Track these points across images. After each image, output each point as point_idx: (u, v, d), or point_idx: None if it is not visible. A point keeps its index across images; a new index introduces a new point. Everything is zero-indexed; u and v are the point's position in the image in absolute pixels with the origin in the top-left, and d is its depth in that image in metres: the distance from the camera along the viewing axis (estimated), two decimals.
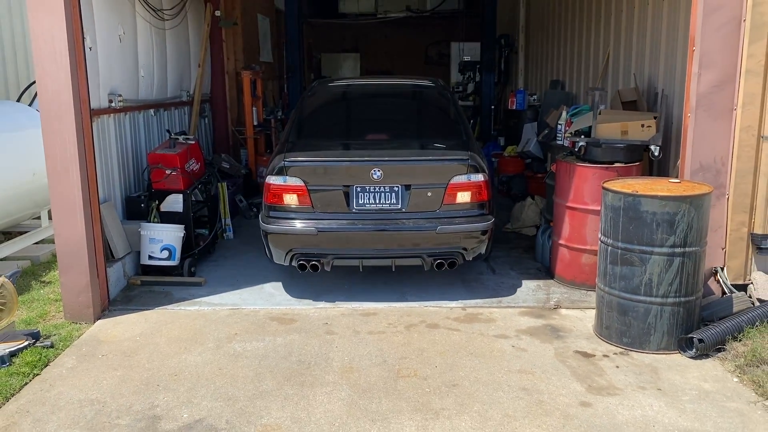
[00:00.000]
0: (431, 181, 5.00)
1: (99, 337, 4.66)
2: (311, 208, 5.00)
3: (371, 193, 4.99)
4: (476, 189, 5.04)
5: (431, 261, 5.03)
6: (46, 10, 4.54)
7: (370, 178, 4.94)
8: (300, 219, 5.00)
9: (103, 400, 3.79)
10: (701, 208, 4.18)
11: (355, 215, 5.00)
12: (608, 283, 4.42)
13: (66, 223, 4.83)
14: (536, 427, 3.45)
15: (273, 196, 5.05)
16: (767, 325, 4.30)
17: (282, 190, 5.02)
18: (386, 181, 4.96)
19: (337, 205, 5.01)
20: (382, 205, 5.00)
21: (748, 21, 4.51)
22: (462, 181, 5.01)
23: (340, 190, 4.99)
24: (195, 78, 8.02)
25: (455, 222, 4.98)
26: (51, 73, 4.64)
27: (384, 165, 4.95)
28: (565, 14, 8.91)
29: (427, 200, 5.00)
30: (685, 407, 3.63)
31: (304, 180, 4.98)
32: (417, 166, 5.09)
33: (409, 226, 4.98)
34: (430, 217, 4.99)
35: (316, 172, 5.06)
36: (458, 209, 5.02)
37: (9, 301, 4.42)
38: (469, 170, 5.02)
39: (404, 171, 5.03)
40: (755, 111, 4.60)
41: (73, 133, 4.70)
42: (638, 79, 6.21)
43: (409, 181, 4.99)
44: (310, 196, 4.98)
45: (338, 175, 5.04)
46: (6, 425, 3.54)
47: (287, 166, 5.00)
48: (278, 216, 5.04)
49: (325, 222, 4.97)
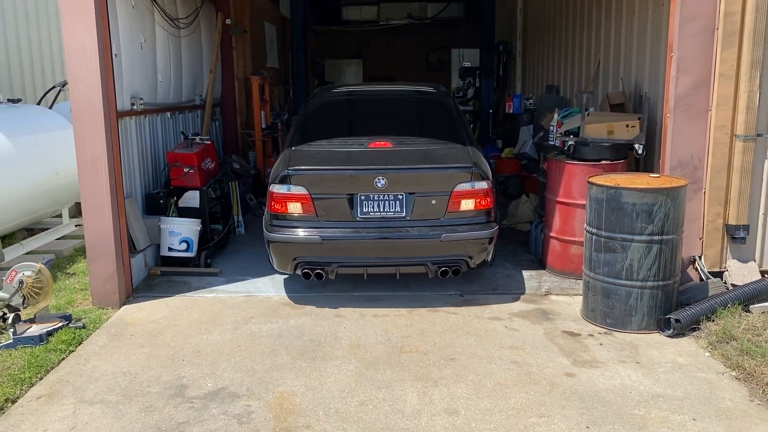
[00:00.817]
0: (435, 189, 5.02)
1: (125, 320, 5.07)
2: (315, 216, 5.02)
3: (375, 201, 5.01)
4: (480, 196, 5.05)
5: (435, 269, 5.05)
6: (80, 22, 4.97)
7: (374, 186, 4.96)
8: (304, 227, 5.02)
9: (134, 372, 4.20)
10: (677, 200, 4.58)
11: (359, 223, 5.02)
12: (593, 269, 4.82)
13: (95, 216, 5.24)
14: (525, 393, 3.84)
15: (277, 205, 5.07)
16: (738, 306, 4.70)
17: (286, 199, 5.03)
18: (390, 189, 4.98)
19: (341, 213, 5.02)
20: (386, 213, 5.01)
21: (720, 29, 4.92)
22: (466, 188, 5.02)
23: (344, 198, 5.01)
24: (207, 83, 8.45)
25: (459, 230, 5.00)
26: (82, 79, 5.06)
27: (388, 173, 4.97)
28: (559, 22, 9.34)
29: (431, 208, 5.02)
30: (660, 377, 4.03)
31: (307, 188, 4.99)
32: (421, 174, 5.09)
33: (414, 234, 5.00)
34: (435, 225, 5.01)
35: (320, 180, 5.06)
36: (462, 217, 5.04)
37: (45, 286, 4.83)
38: (473, 178, 5.03)
39: (408, 179, 5.05)
40: (728, 112, 5.01)
41: (102, 133, 5.12)
42: (625, 83, 6.63)
43: (413, 189, 5.02)
44: (313, 204, 5.00)
45: (342, 184, 5.05)
46: (49, 393, 3.95)
47: (291, 174, 5.02)
48: (282, 224, 5.06)
49: (329, 230, 4.99)
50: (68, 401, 3.85)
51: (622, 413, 3.61)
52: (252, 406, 3.74)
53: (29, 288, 4.76)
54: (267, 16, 11.68)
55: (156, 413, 3.69)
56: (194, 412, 3.69)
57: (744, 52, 4.90)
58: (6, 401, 3.82)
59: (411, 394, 3.84)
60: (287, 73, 13.49)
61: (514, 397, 3.80)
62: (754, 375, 3.96)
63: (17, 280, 4.74)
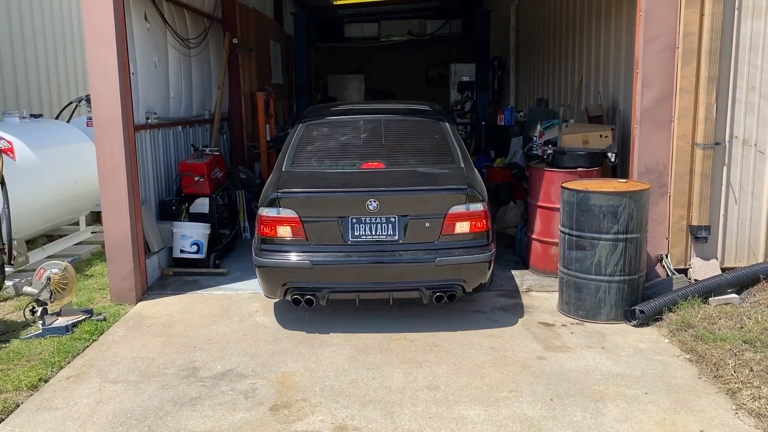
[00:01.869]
0: (429, 212, 4.88)
1: (142, 314, 5.58)
2: (305, 240, 4.88)
3: (367, 225, 4.87)
4: (476, 219, 4.91)
5: (430, 294, 4.89)
6: (102, 44, 5.51)
7: (365, 209, 4.83)
8: (294, 252, 4.87)
9: (152, 357, 4.70)
10: (640, 202, 5.07)
11: (350, 247, 4.87)
12: (566, 266, 5.31)
13: (114, 220, 5.76)
14: (500, 373, 4.32)
15: (266, 229, 4.94)
16: (698, 299, 5.17)
17: (275, 222, 4.90)
18: (382, 212, 4.85)
19: (332, 237, 4.88)
20: (379, 236, 4.87)
21: (680, 48, 5.43)
22: (461, 210, 4.88)
23: (335, 222, 4.87)
24: (215, 98, 9.00)
25: (454, 253, 4.85)
26: (104, 96, 5.60)
27: (380, 195, 4.85)
28: (548, 40, 9.88)
29: (425, 231, 4.87)
30: (621, 359, 4.50)
31: (297, 212, 4.86)
32: (414, 196, 4.96)
33: (407, 258, 4.84)
34: (429, 249, 4.85)
35: (310, 203, 4.94)
36: (458, 240, 4.89)
37: (70, 282, 5.34)
38: (468, 199, 4.89)
39: (401, 201, 4.92)
40: (689, 122, 5.50)
41: (121, 144, 5.66)
42: (603, 96, 7.14)
43: (406, 211, 4.88)
44: (304, 227, 4.87)
45: (333, 206, 4.92)
46: (77, 374, 4.45)
47: (280, 197, 4.90)
48: (271, 249, 4.92)
49: (319, 255, 4.85)
50: (94, 380, 4.34)
51: (583, 389, 4.08)
52: (256, 384, 4.23)
53: (56, 284, 5.28)
54: (272, 35, 12.27)
55: (172, 390, 4.18)
56: (206, 389, 4.18)
57: (702, 69, 5.40)
58: (39, 380, 4.32)
59: (398, 374, 4.32)
60: (291, 88, 14.06)
61: (489, 376, 4.28)
62: (704, 357, 4.42)
63: (45, 276, 5.25)
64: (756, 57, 5.44)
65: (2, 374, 4.39)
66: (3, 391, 4.15)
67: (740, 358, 4.34)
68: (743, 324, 4.84)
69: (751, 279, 5.36)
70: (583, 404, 3.89)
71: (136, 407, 3.97)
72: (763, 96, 5.48)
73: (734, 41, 5.43)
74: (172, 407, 3.96)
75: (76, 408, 3.98)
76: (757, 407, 3.76)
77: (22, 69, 10.79)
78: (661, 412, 3.79)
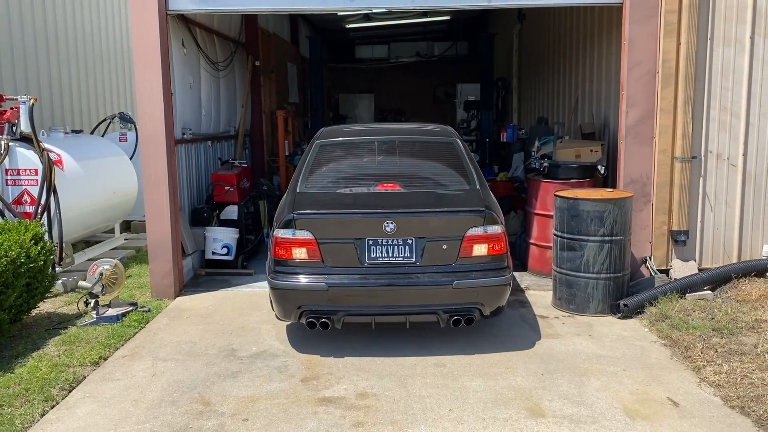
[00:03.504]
0: (446, 234, 4.83)
1: (181, 307, 6.26)
2: (321, 262, 4.81)
3: (384, 247, 4.81)
4: (494, 241, 4.86)
5: (447, 317, 4.83)
6: (149, 68, 6.27)
7: (382, 231, 4.77)
8: (310, 274, 4.81)
9: (194, 341, 5.38)
10: (624, 208, 5.74)
11: (367, 269, 4.80)
12: (559, 265, 5.97)
13: (157, 223, 6.47)
14: (498, 354, 4.97)
15: (281, 250, 4.88)
16: (675, 295, 5.81)
17: (290, 244, 4.84)
18: (399, 234, 4.78)
19: (348, 258, 4.82)
20: (396, 258, 4.81)
21: (660, 73, 6.13)
22: (478, 233, 4.84)
23: (351, 244, 4.81)
24: (239, 116, 9.76)
25: (472, 276, 4.80)
26: (149, 113, 6.34)
27: (397, 217, 4.79)
28: (547, 63, 10.62)
29: (442, 253, 4.82)
30: (605, 344, 5.15)
31: (313, 233, 4.80)
32: (431, 218, 4.93)
33: (424, 281, 4.78)
34: (446, 271, 4.80)
35: (327, 224, 4.89)
36: (475, 262, 4.83)
37: (119, 277, 6.04)
38: (486, 221, 4.85)
39: (418, 223, 4.86)
40: (668, 138, 6.18)
41: (164, 156, 6.38)
42: (596, 115, 7.84)
43: (423, 233, 4.82)
44: (320, 249, 4.81)
45: (349, 228, 4.86)
46: (131, 353, 5.13)
47: (296, 218, 4.85)
48: (286, 271, 4.86)
49: (335, 277, 4.78)
50: (146, 359, 5.02)
51: (570, 366, 4.73)
52: (288, 362, 4.90)
53: (107, 279, 5.97)
54: (289, 57, 13.07)
55: (215, 366, 4.85)
56: (244, 365, 4.85)
57: (679, 91, 6.09)
58: (100, 358, 5.00)
59: (410, 356, 4.98)
60: (306, 106, 14.84)
61: (489, 356, 4.93)
62: (677, 342, 5.06)
63: (98, 272, 5.95)
64: (727, 81, 6.13)
65: (68, 353, 5.08)
66: (71, 366, 4.83)
67: (708, 343, 4.98)
68: (714, 315, 5.48)
69: (724, 277, 6.01)
70: (569, 378, 4.54)
71: (185, 379, 4.64)
72: (734, 115, 6.16)
73: (707, 67, 6.12)
74: (216, 379, 4.63)
75: (135, 379, 4.66)
76: (718, 380, 4.40)
77: (57, 89, 11.60)
78: (636, 383, 4.44)
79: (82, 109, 12.02)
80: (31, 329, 5.67)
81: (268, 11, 7.28)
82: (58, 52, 11.45)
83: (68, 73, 11.58)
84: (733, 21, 6.06)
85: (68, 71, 11.57)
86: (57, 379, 4.58)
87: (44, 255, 5.68)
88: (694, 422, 3.91)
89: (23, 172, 7.00)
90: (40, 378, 4.59)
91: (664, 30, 6.05)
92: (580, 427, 3.88)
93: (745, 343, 4.97)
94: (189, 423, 4.01)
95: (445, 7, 6.46)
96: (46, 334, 5.53)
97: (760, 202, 6.27)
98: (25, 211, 6.92)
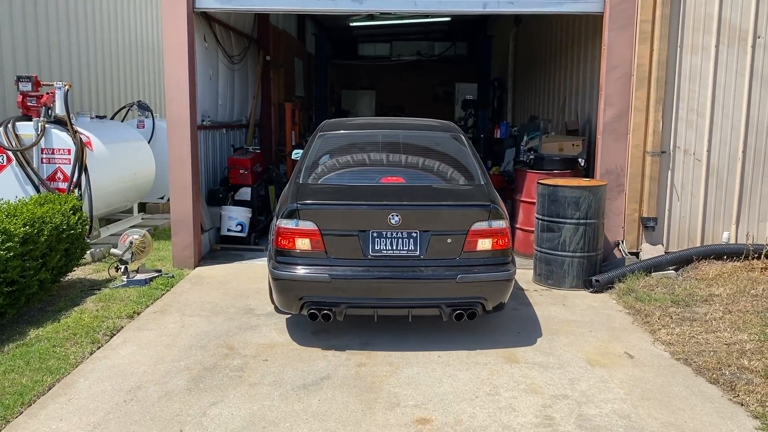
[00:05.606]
0: (451, 228, 4.83)
1: (201, 275, 6.98)
2: (324, 253, 4.78)
3: (388, 239, 4.78)
4: (498, 236, 4.86)
5: (450, 311, 4.81)
6: (177, 60, 6.97)
7: (387, 223, 4.75)
8: (312, 265, 4.78)
9: (215, 301, 6.09)
10: (598, 195, 6.47)
11: (370, 261, 4.78)
12: (539, 245, 6.70)
13: (180, 201, 7.17)
14: (481, 318, 5.68)
15: (284, 241, 4.83)
16: (642, 273, 6.55)
17: (293, 234, 4.80)
18: (404, 227, 4.77)
19: (352, 250, 4.79)
20: (400, 251, 4.79)
21: (635, 76, 6.85)
22: (483, 227, 4.82)
23: (355, 235, 4.78)
24: (251, 107, 10.47)
25: (476, 270, 4.79)
26: (176, 100, 7.04)
27: (402, 210, 4.78)
28: (540, 65, 11.34)
29: (446, 247, 4.81)
30: (576, 312, 5.88)
31: (317, 224, 4.77)
32: (437, 212, 4.93)
33: (428, 275, 4.78)
34: (450, 265, 4.79)
35: (331, 215, 4.87)
36: (479, 257, 4.83)
37: (147, 246, 6.75)
38: (491, 216, 4.84)
39: (423, 216, 4.87)
40: (641, 135, 6.91)
41: (188, 139, 7.09)
42: (580, 113, 8.57)
43: (427, 226, 4.81)
44: (323, 240, 4.77)
45: (354, 220, 4.83)
46: (161, 310, 5.84)
47: (299, 208, 4.80)
48: (289, 261, 4.83)
49: (339, 268, 4.76)
50: (174, 315, 5.74)
51: (544, 327, 5.46)
52: (300, 319, 5.61)
53: (136, 247, 6.68)
54: (296, 53, 13.78)
55: (235, 321, 5.57)
56: (261, 321, 5.57)
57: (651, 92, 6.82)
58: (134, 313, 5.71)
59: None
60: (310, 100, 15.54)
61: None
62: (639, 311, 5.79)
63: (128, 240, 6.65)
64: (694, 84, 6.86)
65: (105, 308, 5.79)
66: (109, 318, 5.54)
67: (665, 312, 5.72)
68: (674, 290, 6.22)
69: (687, 259, 6.76)
70: (543, 334, 5.28)
71: (210, 330, 5.36)
72: (700, 115, 6.89)
73: (677, 71, 6.85)
74: (237, 330, 5.35)
75: (166, 329, 5.37)
76: (669, 339, 5.14)
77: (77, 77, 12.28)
78: (598, 341, 5.17)
79: (99, 96, 12.70)
80: (68, 290, 6.37)
81: (283, 11, 7.99)
82: (78, 42, 12.13)
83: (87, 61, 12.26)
84: (701, 31, 6.79)
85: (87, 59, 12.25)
86: (100, 327, 5.30)
87: (81, 224, 6.39)
88: (644, 369, 4.64)
89: (57, 151, 7.70)
90: (85, 326, 5.30)
91: (639, 38, 6.77)
92: (548, 370, 4.61)
93: (697, 312, 5.71)
94: (217, 362, 4.73)
95: (442, 12, 7.12)
96: (82, 294, 6.24)
97: (722, 193, 7.01)
98: (58, 187, 7.63)
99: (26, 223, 5.42)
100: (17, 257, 5.21)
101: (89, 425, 3.81)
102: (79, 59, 12.17)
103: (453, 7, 7.10)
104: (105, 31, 12.65)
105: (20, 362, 4.60)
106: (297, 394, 4.23)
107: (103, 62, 12.55)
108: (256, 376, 4.49)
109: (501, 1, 6.85)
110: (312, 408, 4.04)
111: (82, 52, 12.22)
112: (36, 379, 4.36)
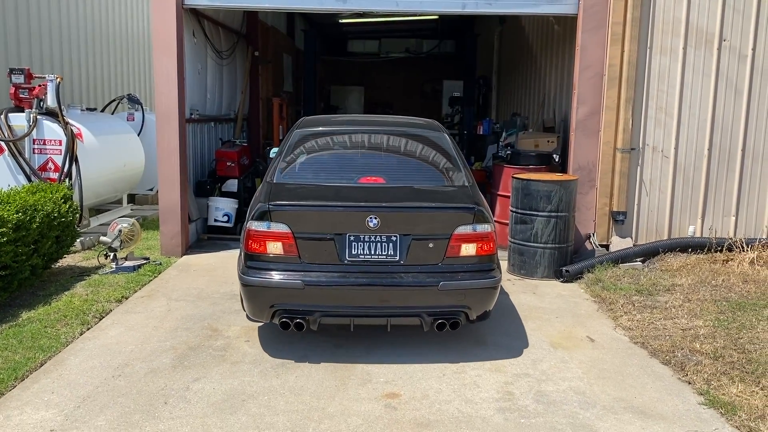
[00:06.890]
0: (433, 231, 4.55)
1: (188, 263, 7.23)
2: (297, 258, 4.49)
3: (366, 243, 4.50)
4: (483, 241, 4.59)
5: (431, 321, 4.54)
6: (165, 54, 7.20)
7: (365, 226, 4.47)
8: (284, 270, 4.49)
9: (201, 287, 6.35)
10: (569, 189, 6.77)
11: (347, 267, 4.49)
12: (513, 236, 7.00)
13: (168, 191, 7.41)
14: None
15: (254, 244, 4.53)
16: (610, 264, 6.87)
17: (265, 237, 4.51)
18: (383, 230, 4.48)
19: (328, 255, 4.50)
20: (378, 256, 4.51)
21: (606, 75, 7.16)
22: (467, 231, 4.57)
23: (331, 239, 4.50)
24: (239, 101, 10.70)
25: (459, 277, 4.53)
26: (165, 93, 7.28)
27: (382, 212, 4.51)
28: (521, 64, 11.64)
29: (428, 252, 4.53)
30: (545, 300, 6.18)
31: (290, 226, 4.48)
32: (418, 214, 4.65)
33: (408, 281, 4.49)
34: (432, 272, 4.52)
35: (305, 217, 4.57)
36: (462, 263, 4.57)
37: (136, 234, 6.99)
38: (475, 220, 4.58)
39: (404, 219, 4.59)
40: (612, 132, 7.22)
41: (176, 132, 7.33)
42: (557, 111, 8.87)
43: (408, 230, 4.53)
44: (296, 244, 4.48)
45: (329, 222, 4.55)
46: (148, 295, 6.10)
47: (271, 210, 4.51)
48: (259, 266, 4.53)
49: (313, 274, 4.47)
50: (161, 299, 5.99)
51: (513, 314, 5.76)
52: None
53: (125, 235, 6.92)
54: (285, 49, 14.00)
55: (219, 306, 5.83)
56: None
57: (622, 92, 7.12)
58: (122, 297, 5.96)
59: None
60: (299, 96, 15.77)
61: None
62: (605, 299, 6.10)
63: (117, 229, 6.89)
64: (663, 84, 7.17)
65: (94, 293, 6.03)
66: (98, 301, 5.79)
67: (629, 300, 6.03)
68: (639, 280, 6.54)
69: (653, 251, 7.08)
70: (512, 320, 5.58)
71: (196, 314, 5.62)
72: (668, 114, 7.20)
73: (647, 72, 7.15)
74: (222, 314, 5.61)
75: (153, 313, 5.63)
76: (630, 325, 5.45)
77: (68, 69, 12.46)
78: (563, 326, 5.48)
79: (89, 88, 12.88)
80: (58, 276, 6.60)
81: (270, 9, 8.21)
82: (69, 36, 12.31)
83: (78, 54, 12.44)
84: (669, 34, 7.10)
85: (78, 53, 12.44)
86: (89, 309, 5.54)
87: (72, 212, 6.63)
88: (603, 352, 4.95)
89: (48, 142, 7.91)
90: (75, 308, 5.55)
91: (611, 39, 7.07)
92: (512, 351, 4.91)
93: (659, 300, 6.03)
94: (201, 342, 4.99)
95: (423, 11, 7.40)
96: (72, 280, 6.48)
97: (688, 189, 7.33)
98: (49, 177, 7.84)
99: (19, 210, 5.66)
100: (10, 243, 5.44)
101: (79, 397, 4.07)
102: (70, 53, 12.36)
103: (433, 7, 7.37)
104: (96, 25, 12.83)
105: (13, 341, 4.85)
106: (276, 371, 4.50)
107: (93, 56, 12.75)
108: (238, 355, 4.75)
109: (479, 2, 7.13)
110: (289, 383, 4.32)
111: (73, 46, 12.41)
112: (29, 356, 4.60)
